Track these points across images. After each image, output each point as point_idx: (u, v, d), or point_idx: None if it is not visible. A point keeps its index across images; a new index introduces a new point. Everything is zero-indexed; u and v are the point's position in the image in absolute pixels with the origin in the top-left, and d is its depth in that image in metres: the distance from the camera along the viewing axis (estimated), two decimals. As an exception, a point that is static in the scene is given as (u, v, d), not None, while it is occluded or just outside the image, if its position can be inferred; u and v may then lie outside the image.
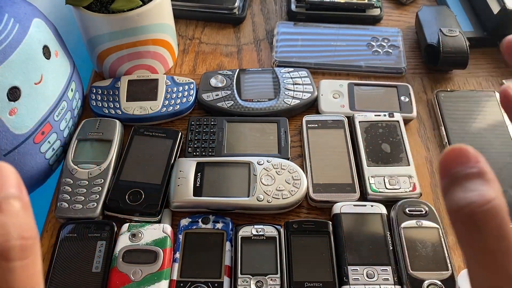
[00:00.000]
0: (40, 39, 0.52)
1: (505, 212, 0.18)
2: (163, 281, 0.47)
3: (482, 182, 0.19)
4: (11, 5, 0.50)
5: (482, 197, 0.18)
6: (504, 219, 0.18)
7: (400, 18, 0.79)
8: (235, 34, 0.77)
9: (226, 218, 0.52)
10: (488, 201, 0.18)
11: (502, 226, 0.18)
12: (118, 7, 0.58)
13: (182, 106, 0.63)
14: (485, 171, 0.19)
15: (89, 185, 0.54)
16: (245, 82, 0.66)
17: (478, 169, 0.19)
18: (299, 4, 0.77)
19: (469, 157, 0.19)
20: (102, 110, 0.62)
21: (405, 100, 0.64)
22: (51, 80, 0.54)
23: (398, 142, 0.58)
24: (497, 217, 0.18)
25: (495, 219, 0.18)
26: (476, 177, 0.19)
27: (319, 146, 0.58)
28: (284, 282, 0.47)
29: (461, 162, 0.19)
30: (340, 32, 0.75)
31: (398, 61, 0.70)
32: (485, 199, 0.18)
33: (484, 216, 0.18)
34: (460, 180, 0.19)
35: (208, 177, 0.55)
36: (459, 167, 0.19)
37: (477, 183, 0.18)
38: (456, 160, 0.19)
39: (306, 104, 0.64)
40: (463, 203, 0.18)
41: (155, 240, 0.49)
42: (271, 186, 0.54)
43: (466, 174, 0.19)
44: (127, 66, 0.66)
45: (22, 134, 0.51)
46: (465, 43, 0.65)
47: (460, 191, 0.18)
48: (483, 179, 0.19)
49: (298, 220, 0.52)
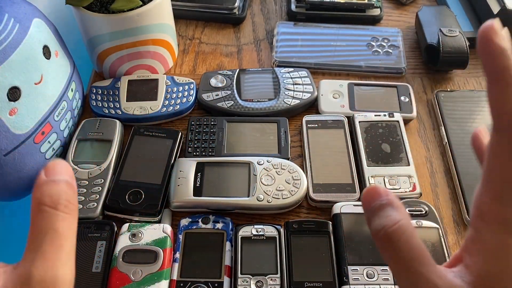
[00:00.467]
0: (40, 39, 0.52)
1: (412, 229, 0.23)
2: (163, 281, 0.47)
3: (391, 208, 0.24)
4: (11, 5, 0.50)
5: (391, 220, 0.23)
6: (412, 233, 0.23)
7: (400, 18, 0.79)
8: (235, 34, 0.77)
9: (226, 218, 0.52)
10: (396, 221, 0.23)
11: (410, 239, 0.23)
12: (118, 7, 0.58)
13: (182, 106, 0.63)
14: (393, 201, 0.25)
15: (89, 185, 0.54)
16: (245, 82, 0.66)
17: (387, 200, 0.24)
18: (299, 4, 0.77)
19: (380, 192, 0.25)
20: (102, 110, 0.62)
21: (405, 100, 0.64)
22: (51, 80, 0.54)
23: (398, 142, 0.58)
24: (405, 232, 0.23)
25: (404, 234, 0.23)
26: (386, 206, 0.24)
27: (319, 146, 0.58)
28: (284, 282, 0.47)
29: (375, 198, 0.25)
30: (340, 32, 0.75)
31: (398, 61, 0.70)
32: (394, 221, 0.23)
33: (395, 233, 0.23)
34: (376, 211, 0.24)
35: (208, 177, 0.55)
36: (374, 202, 0.25)
37: (387, 210, 0.24)
38: (372, 197, 0.25)
39: (306, 104, 0.64)
40: (379, 227, 0.24)
41: (155, 240, 0.50)
42: (271, 186, 0.54)
43: (379, 205, 0.24)
44: (127, 66, 0.66)
45: (22, 134, 0.51)
46: (465, 43, 0.65)
47: (376, 219, 0.24)
48: (392, 207, 0.24)
49: (298, 220, 0.52)
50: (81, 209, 0.52)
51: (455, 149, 0.59)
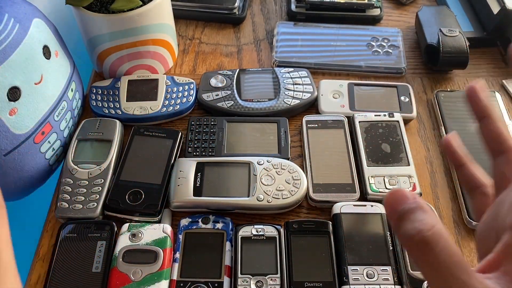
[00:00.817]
0: (40, 39, 0.52)
1: (448, 234, 0.22)
2: (163, 281, 0.47)
3: (423, 212, 0.23)
4: (11, 5, 0.50)
5: (426, 224, 0.22)
6: (448, 238, 0.22)
7: (400, 18, 0.79)
8: (235, 34, 0.77)
9: (226, 218, 0.52)
10: (432, 226, 0.22)
11: (448, 245, 0.22)
12: (118, 7, 0.58)
13: (182, 106, 0.63)
14: (422, 205, 0.23)
15: (89, 185, 0.54)
16: (245, 82, 0.66)
17: (416, 204, 0.23)
18: (299, 4, 0.77)
19: (407, 196, 0.23)
20: (102, 110, 0.62)
21: (405, 100, 0.64)
22: (51, 80, 0.54)
23: (398, 142, 0.58)
24: (442, 237, 0.22)
25: (442, 238, 0.22)
26: (417, 210, 0.23)
27: (319, 146, 0.58)
28: (284, 282, 0.47)
29: (403, 201, 0.23)
30: (340, 32, 0.75)
31: (398, 61, 0.70)
32: (429, 225, 0.22)
33: (433, 238, 0.22)
34: (406, 215, 0.23)
35: (208, 177, 0.55)
36: (402, 205, 0.23)
37: (419, 214, 0.23)
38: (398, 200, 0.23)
39: (306, 104, 0.64)
40: (414, 232, 0.22)
41: (155, 240, 0.50)
42: (271, 186, 0.54)
43: (409, 209, 0.23)
44: (127, 66, 0.66)
45: (22, 134, 0.51)
46: (465, 43, 0.65)
47: (408, 224, 0.22)
48: (423, 211, 0.23)
49: (298, 220, 0.52)
50: (81, 209, 0.52)
51: (455, 149, 0.59)
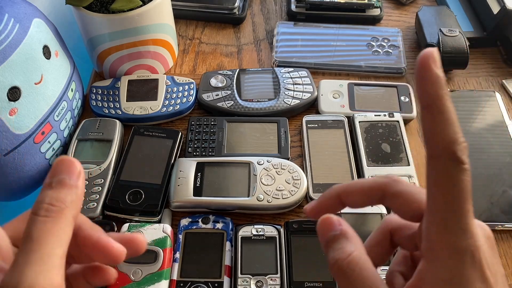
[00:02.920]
0: (40, 39, 0.52)
1: (365, 259, 0.24)
2: (163, 281, 0.47)
3: (345, 240, 0.24)
4: (11, 5, 0.50)
5: (344, 253, 0.24)
6: (364, 264, 0.23)
7: (400, 18, 0.80)
8: (235, 34, 0.77)
9: (226, 218, 0.52)
10: (349, 254, 0.23)
11: (363, 271, 0.23)
12: (118, 7, 0.58)
13: (182, 106, 0.63)
14: (346, 231, 0.25)
15: (89, 185, 0.54)
16: (245, 82, 0.66)
17: (340, 231, 0.25)
18: (299, 4, 0.77)
19: (333, 223, 0.25)
20: (102, 110, 0.62)
21: (405, 100, 0.64)
22: (51, 80, 0.54)
23: (398, 142, 0.58)
24: (358, 265, 0.23)
25: (357, 266, 0.23)
26: (340, 238, 0.24)
27: (319, 146, 0.59)
28: (284, 282, 0.47)
29: (329, 229, 0.25)
30: (340, 32, 0.75)
31: (398, 61, 0.70)
32: (346, 253, 0.23)
33: (348, 267, 0.23)
34: (330, 243, 0.24)
35: (208, 177, 0.55)
36: (328, 233, 0.25)
37: (341, 242, 0.24)
38: (326, 228, 0.25)
39: (306, 104, 0.64)
40: (333, 261, 0.24)
41: (155, 240, 0.50)
42: (271, 186, 0.54)
43: (333, 237, 0.25)
44: (127, 66, 0.66)
45: (22, 134, 0.51)
46: (465, 43, 0.65)
47: (331, 252, 0.24)
48: (345, 238, 0.24)
49: (298, 220, 0.52)
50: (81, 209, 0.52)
51: (455, 149, 0.58)
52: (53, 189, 0.23)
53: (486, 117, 0.62)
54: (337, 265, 0.23)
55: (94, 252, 0.24)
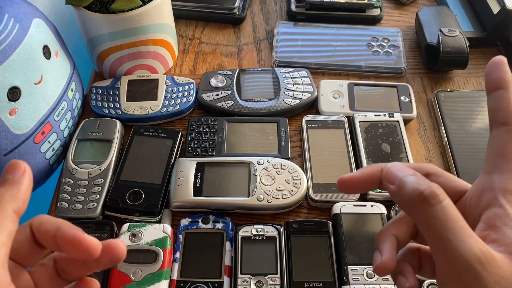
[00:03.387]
0: (40, 39, 0.52)
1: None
2: (163, 281, 0.47)
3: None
4: (11, 5, 0.50)
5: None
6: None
7: (400, 18, 0.80)
8: (235, 34, 0.77)
9: (226, 218, 0.52)
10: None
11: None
12: (118, 7, 0.58)
13: (182, 106, 0.63)
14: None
15: (89, 185, 0.54)
16: (245, 82, 0.66)
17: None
18: (299, 4, 0.77)
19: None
20: (102, 110, 0.62)
21: (405, 100, 0.64)
22: (51, 80, 0.54)
23: (398, 142, 0.58)
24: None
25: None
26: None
27: (319, 146, 0.59)
28: (284, 282, 0.47)
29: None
30: (340, 32, 0.75)
31: (398, 61, 0.70)
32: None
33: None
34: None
35: (208, 177, 0.55)
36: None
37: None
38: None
39: (306, 104, 0.64)
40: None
41: (155, 240, 0.50)
42: (271, 186, 0.54)
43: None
44: (127, 66, 0.66)
45: (22, 134, 0.51)
46: (465, 43, 0.65)
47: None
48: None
49: (298, 220, 0.52)
50: (81, 209, 0.52)
51: (455, 149, 0.59)
52: None
53: (486, 117, 0.62)
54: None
55: (71, 248, 0.25)
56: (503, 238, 0.24)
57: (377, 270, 0.28)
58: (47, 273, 0.27)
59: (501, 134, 0.27)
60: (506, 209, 0.25)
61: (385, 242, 0.29)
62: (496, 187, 0.26)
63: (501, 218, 0.25)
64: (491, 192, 0.26)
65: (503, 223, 0.25)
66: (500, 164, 0.27)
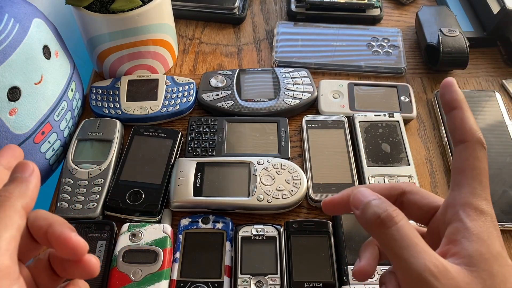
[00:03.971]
0: (40, 39, 0.52)
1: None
2: (163, 281, 0.47)
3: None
4: (11, 5, 0.50)
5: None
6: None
7: (400, 18, 0.80)
8: (235, 34, 0.77)
9: (226, 218, 0.52)
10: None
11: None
12: (118, 7, 0.58)
13: (182, 106, 0.63)
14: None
15: (89, 185, 0.54)
16: (245, 82, 0.66)
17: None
18: (299, 4, 0.77)
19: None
20: (102, 110, 0.62)
21: (405, 100, 0.64)
22: (51, 80, 0.54)
23: (398, 142, 0.58)
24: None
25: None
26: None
27: (319, 146, 0.59)
28: (284, 282, 0.47)
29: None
30: (340, 32, 0.75)
31: (398, 61, 0.70)
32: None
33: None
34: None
35: (208, 177, 0.55)
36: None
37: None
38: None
39: (306, 104, 0.64)
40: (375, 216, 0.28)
41: (155, 240, 0.50)
42: (271, 186, 0.54)
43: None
44: (127, 66, 0.66)
45: (22, 134, 0.51)
46: (465, 43, 0.65)
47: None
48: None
49: (298, 220, 0.52)
50: (81, 209, 0.52)
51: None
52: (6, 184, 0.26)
53: (486, 117, 0.62)
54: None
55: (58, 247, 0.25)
56: (462, 251, 0.26)
57: (354, 275, 0.31)
58: (44, 268, 0.28)
59: (459, 151, 0.29)
60: (465, 223, 0.27)
61: (366, 251, 0.32)
62: (457, 203, 0.28)
63: (461, 231, 0.27)
64: (453, 208, 0.28)
65: (462, 236, 0.27)
66: (460, 179, 0.29)
